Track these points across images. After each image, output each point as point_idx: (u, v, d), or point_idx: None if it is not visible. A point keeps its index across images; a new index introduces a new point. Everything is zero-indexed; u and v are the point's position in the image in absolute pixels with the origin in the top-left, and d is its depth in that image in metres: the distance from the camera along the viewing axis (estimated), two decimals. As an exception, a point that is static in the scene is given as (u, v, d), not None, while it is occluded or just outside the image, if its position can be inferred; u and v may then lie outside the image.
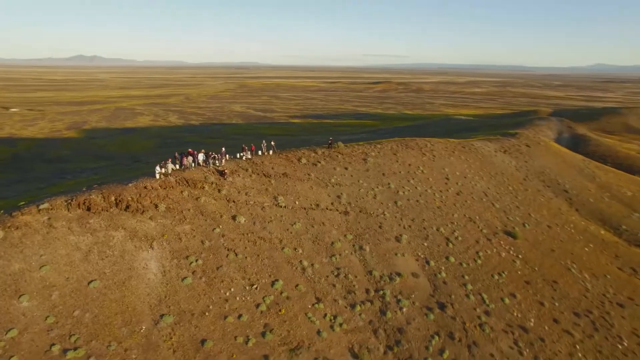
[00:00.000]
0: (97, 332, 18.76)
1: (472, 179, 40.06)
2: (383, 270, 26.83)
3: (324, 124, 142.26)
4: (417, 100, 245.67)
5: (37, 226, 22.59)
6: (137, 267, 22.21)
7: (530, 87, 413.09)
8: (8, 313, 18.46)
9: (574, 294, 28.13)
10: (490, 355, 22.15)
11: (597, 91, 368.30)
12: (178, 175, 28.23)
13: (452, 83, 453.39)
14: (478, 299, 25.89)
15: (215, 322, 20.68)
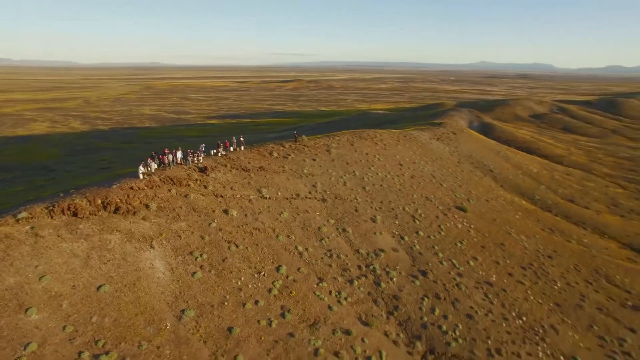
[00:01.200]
0: (123, 334, 18.07)
1: (419, 164, 44.33)
2: (367, 248, 29.12)
3: (244, 123, 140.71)
4: (330, 97, 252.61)
5: (21, 237, 20.61)
6: (143, 268, 21.48)
7: (429, 82, 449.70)
8: (18, 328, 16.91)
9: (518, 252, 33.31)
10: (470, 307, 25.66)
11: (486, 85, 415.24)
12: (161, 174, 27.30)
13: (360, 80, 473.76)
14: (449, 264, 29.50)
15: (235, 310, 21.03)
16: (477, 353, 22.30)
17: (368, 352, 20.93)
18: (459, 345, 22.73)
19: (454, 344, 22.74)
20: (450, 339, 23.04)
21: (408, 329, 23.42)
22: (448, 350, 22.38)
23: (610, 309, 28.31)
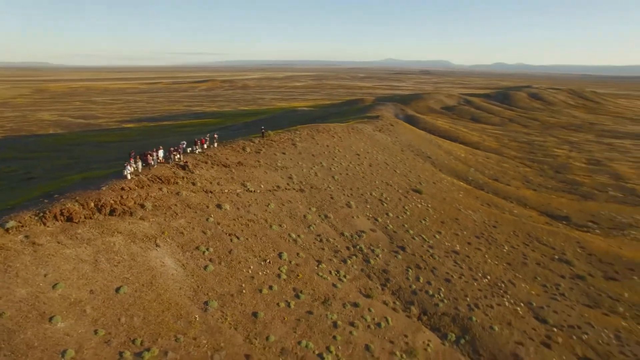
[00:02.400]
0: (157, 330, 17.95)
1: (372, 153, 47.70)
2: (350, 230, 31.34)
3: (165, 126, 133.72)
4: (247, 97, 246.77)
5: (17, 247, 19.09)
6: (155, 266, 21.13)
7: (342, 80, 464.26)
8: (48, 337, 16.00)
9: (469, 224, 38.16)
10: (446, 273, 29.29)
11: (394, 81, 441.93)
12: (148, 174, 26.45)
13: (273, 79, 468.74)
14: (420, 239, 33.00)
15: (254, 297, 21.78)
16: (461, 309, 25.83)
17: (376, 319, 23.19)
18: (445, 304, 26.08)
19: (441, 304, 26.03)
20: (437, 300, 26.30)
21: (401, 297, 26.17)
22: (437, 310, 25.58)
23: (545, 262, 34.12)
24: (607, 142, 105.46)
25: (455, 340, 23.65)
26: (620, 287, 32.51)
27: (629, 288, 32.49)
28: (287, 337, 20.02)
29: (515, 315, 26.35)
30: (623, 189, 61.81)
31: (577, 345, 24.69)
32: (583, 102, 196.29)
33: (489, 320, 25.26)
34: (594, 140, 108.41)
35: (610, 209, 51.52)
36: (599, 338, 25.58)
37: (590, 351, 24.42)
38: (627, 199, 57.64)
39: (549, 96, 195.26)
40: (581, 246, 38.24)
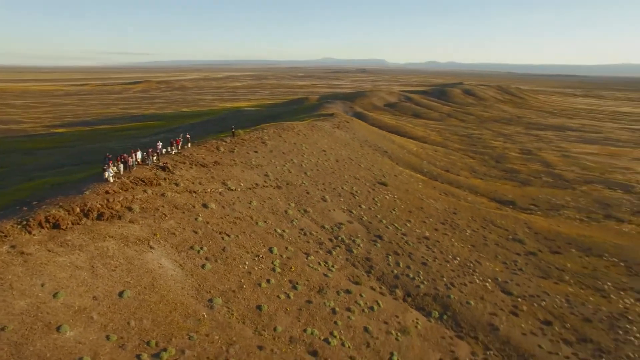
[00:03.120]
0: (169, 331, 17.90)
1: (336, 149, 49.33)
2: (329, 223, 32.60)
3: (103, 130, 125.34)
4: (186, 98, 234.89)
5: (4, 258, 17.99)
6: (153, 268, 20.83)
7: (281, 79, 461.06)
8: (59, 347, 15.43)
9: (433, 212, 41.16)
10: (422, 257, 31.65)
11: (333, 80, 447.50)
12: (129, 176, 25.65)
13: (211, 79, 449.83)
14: (393, 227, 35.15)
15: (255, 291, 22.27)
16: (439, 288, 28.21)
17: (368, 303, 24.71)
18: (425, 286, 28.32)
19: (421, 286, 28.23)
20: (418, 282, 28.47)
21: (386, 282, 27.99)
22: (419, 291, 27.73)
23: (502, 243, 37.92)
24: (534, 134, 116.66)
25: (438, 316, 25.88)
26: (564, 259, 37.07)
27: (570, 259, 37.14)
28: (292, 326, 20.86)
29: (485, 290, 29.28)
30: (553, 175, 69.36)
31: (538, 311, 28.07)
32: (510, 97, 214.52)
33: (464, 297, 27.87)
34: (523, 132, 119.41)
35: (546, 193, 57.82)
36: (554, 303, 29.24)
37: (549, 315, 27.89)
38: (557, 183, 64.87)
39: (481, 92, 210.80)
40: (528, 226, 42.80)
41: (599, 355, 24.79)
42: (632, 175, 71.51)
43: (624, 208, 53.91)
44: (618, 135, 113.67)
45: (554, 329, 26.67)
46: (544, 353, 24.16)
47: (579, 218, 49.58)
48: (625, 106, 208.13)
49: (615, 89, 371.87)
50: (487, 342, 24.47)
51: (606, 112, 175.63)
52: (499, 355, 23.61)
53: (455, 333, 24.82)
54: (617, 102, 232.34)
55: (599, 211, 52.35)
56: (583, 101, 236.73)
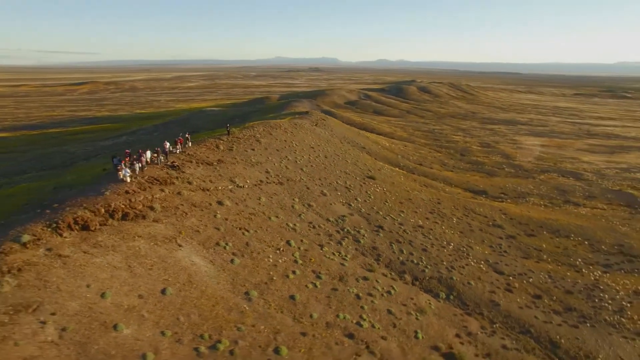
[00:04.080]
0: (218, 324, 18.32)
1: (322, 146, 50.51)
2: (333, 216, 33.81)
3: (54, 133, 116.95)
4: (139, 99, 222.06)
5: (44, 261, 17.59)
6: (187, 266, 20.99)
7: (234, 79, 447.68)
8: (121, 345, 15.48)
9: (421, 203, 43.58)
10: (421, 244, 33.75)
11: (287, 79, 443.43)
12: (144, 176, 25.30)
13: (161, 79, 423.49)
14: (390, 218, 37.02)
15: (284, 282, 23.05)
16: (442, 271, 30.40)
17: (385, 288, 26.27)
18: (429, 270, 30.39)
19: (426, 270, 30.26)
20: (422, 267, 30.48)
21: (394, 268, 29.73)
22: (425, 275, 29.74)
23: (485, 228, 41.04)
24: (489, 128, 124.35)
25: (445, 297, 27.99)
26: (539, 240, 40.78)
27: (544, 241, 40.94)
28: (326, 312, 21.94)
29: (481, 271, 31.87)
30: (513, 166, 74.88)
31: (528, 287, 31.04)
32: (462, 94, 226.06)
33: (465, 278, 30.25)
34: (479, 127, 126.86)
35: (512, 182, 62.54)
36: (539, 280, 32.41)
37: (537, 290, 30.94)
38: (518, 173, 70.21)
39: (435, 89, 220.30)
40: (503, 213, 46.44)
41: (583, 321, 27.99)
42: (579, 164, 78.80)
43: (578, 193, 59.63)
44: (561, 128, 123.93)
45: (544, 301, 29.67)
46: (540, 322, 26.94)
47: (543, 204, 54.29)
48: (562, 102, 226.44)
49: (551, 85, 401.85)
50: (491, 317, 26.88)
51: (549, 107, 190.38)
52: (504, 327, 26.06)
53: (463, 311, 27.01)
54: (556, 98, 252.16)
55: (558, 197, 57.55)
56: (527, 97, 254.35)
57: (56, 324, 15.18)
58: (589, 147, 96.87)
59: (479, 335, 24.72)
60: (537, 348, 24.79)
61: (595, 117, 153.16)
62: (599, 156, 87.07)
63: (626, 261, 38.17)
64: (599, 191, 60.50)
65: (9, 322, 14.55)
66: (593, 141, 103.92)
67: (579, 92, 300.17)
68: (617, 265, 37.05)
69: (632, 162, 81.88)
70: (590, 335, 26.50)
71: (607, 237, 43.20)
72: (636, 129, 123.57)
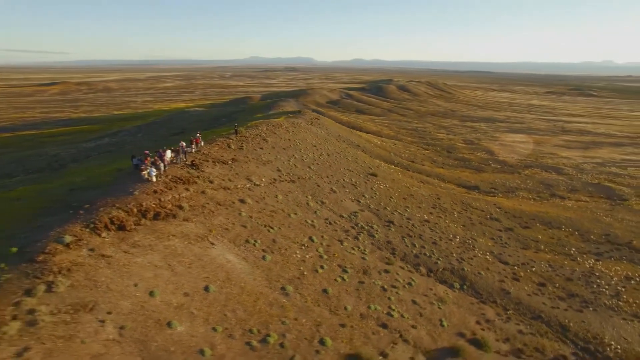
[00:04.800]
0: (263, 318, 18.59)
1: (322, 144, 51.00)
2: (345, 212, 34.40)
3: (28, 136, 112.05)
4: (115, 100, 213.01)
5: (89, 261, 17.43)
6: (223, 263, 21.11)
7: (211, 79, 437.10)
8: (178, 341, 15.57)
9: (422, 198, 44.74)
10: (430, 237, 34.81)
11: (264, 79, 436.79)
12: (167, 175, 25.15)
13: (135, 80, 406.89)
14: (398, 213, 37.95)
15: (315, 277, 23.46)
16: (453, 263, 31.54)
17: (406, 280, 27.10)
18: (442, 262, 31.45)
19: (439, 262, 31.32)
20: (435, 259, 31.52)
21: (409, 261, 30.63)
22: (438, 267, 30.78)
23: (484, 222, 42.60)
24: (469, 126, 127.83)
25: (460, 287, 29.09)
26: (534, 232, 42.67)
27: (539, 232, 42.87)
28: (358, 304, 22.54)
29: (488, 262, 33.21)
30: (498, 162, 77.52)
31: (532, 276, 32.58)
32: (440, 92, 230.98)
33: (475, 269, 31.49)
34: (460, 125, 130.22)
35: (500, 178, 64.84)
36: (541, 269, 34.05)
37: (541, 278, 32.51)
38: (504, 169, 72.78)
39: (414, 88, 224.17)
40: (498, 207, 48.28)
41: (586, 305, 29.66)
42: (559, 159, 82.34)
43: (561, 187, 62.44)
44: (537, 125, 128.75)
45: (548, 289, 31.23)
46: (548, 308, 28.40)
47: (532, 197, 56.63)
48: (535, 99, 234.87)
49: (522, 84, 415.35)
50: (504, 305, 28.15)
51: (523, 104, 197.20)
52: (517, 314, 27.36)
53: (477, 299, 28.17)
54: (529, 96, 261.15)
55: (544, 191, 60.13)
56: (502, 95, 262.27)
57: (114, 322, 15.18)
58: (565, 143, 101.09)
59: (496, 322, 25.88)
60: (549, 332, 26.15)
61: (567, 115, 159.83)
62: (575, 152, 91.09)
63: (614, 249, 40.43)
64: (580, 185, 63.46)
65: (72, 321, 14.48)
66: (568, 137, 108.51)
67: (550, 90, 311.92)
68: (607, 254, 39.19)
69: (605, 157, 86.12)
70: (594, 318, 28.11)
71: (594, 227, 45.55)
72: (605, 126, 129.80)
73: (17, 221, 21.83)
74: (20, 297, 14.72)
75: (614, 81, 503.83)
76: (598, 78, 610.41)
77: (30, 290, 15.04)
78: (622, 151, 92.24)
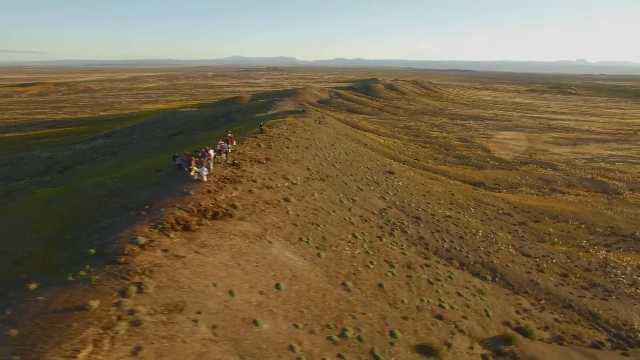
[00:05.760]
0: (335, 314, 18.77)
1: (338, 143, 51.28)
2: (375, 209, 34.78)
3: (13, 138, 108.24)
4: (99, 101, 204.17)
5: (166, 262, 17.33)
6: (286, 262, 21.20)
7: (193, 79, 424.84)
8: (266, 339, 15.66)
9: (439, 195, 45.56)
10: (456, 232, 35.39)
11: (247, 78, 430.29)
12: (215, 175, 25.06)
13: (116, 80, 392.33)
14: (421, 209, 38.59)
15: (368, 272, 23.77)
16: (483, 257, 32.37)
17: (446, 273, 27.68)
18: (472, 255, 32.23)
19: (469, 256, 32.09)
20: (465, 253, 32.28)
21: (442, 256, 31.30)
22: (469, 261, 31.55)
23: (498, 217, 43.71)
24: (460, 124, 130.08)
25: (492, 279, 29.93)
26: (545, 226, 44.07)
27: (549, 226, 44.28)
28: (412, 298, 23.01)
29: (512, 255, 34.21)
30: (496, 159, 79.37)
31: (554, 267, 33.74)
32: (426, 91, 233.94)
33: (502, 261, 32.41)
34: (450, 123, 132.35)
35: (501, 174, 66.45)
36: (560, 260, 35.27)
37: (562, 269, 33.67)
38: (502, 165, 74.57)
39: (401, 87, 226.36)
40: (507, 202, 49.59)
41: (609, 294, 30.89)
42: (551, 156, 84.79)
43: (559, 182, 64.47)
44: (524, 123, 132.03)
45: (571, 279, 32.41)
46: (576, 297, 29.52)
47: (534, 193, 58.31)
48: (518, 97, 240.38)
49: (504, 82, 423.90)
50: (535, 295, 29.11)
51: (507, 102, 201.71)
52: (549, 303, 28.34)
53: (511, 290, 29.04)
54: (511, 94, 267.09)
55: (545, 186, 61.97)
56: (486, 93, 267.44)
57: (206, 322, 15.19)
58: (553, 139, 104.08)
59: (532, 311, 26.76)
60: (582, 320, 27.20)
61: (551, 112, 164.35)
62: (565, 148, 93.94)
63: (620, 241, 42.09)
64: (576, 180, 65.63)
65: (168, 321, 14.45)
66: (555, 134, 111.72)
67: (531, 88, 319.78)
68: (615, 245, 40.78)
69: (593, 153, 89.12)
70: (620, 306, 29.34)
71: (599, 220, 47.29)
72: (588, 122, 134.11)
73: (74, 223, 21.46)
74: (117, 297, 14.61)
75: (588, 79, 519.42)
76: (573, 76, 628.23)
77: (124, 291, 14.91)
78: (608, 147, 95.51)
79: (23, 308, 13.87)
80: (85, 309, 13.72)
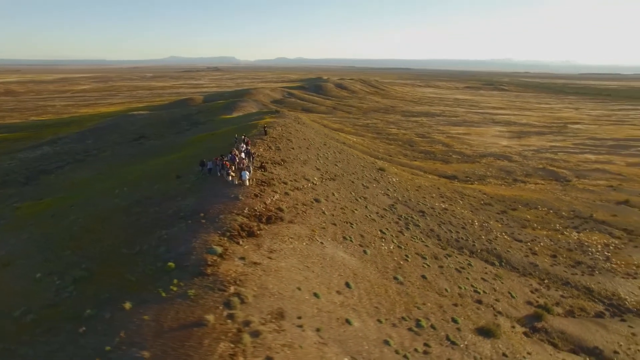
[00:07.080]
0: (403, 306, 19.57)
1: (327, 143, 51.98)
2: (385, 205, 36.05)
3: None
4: (28, 105, 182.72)
5: (248, 270, 17.07)
6: (342, 261, 21.52)
7: (130, 80, 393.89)
8: (360, 337, 16.05)
9: (428, 189, 48.06)
10: (458, 224, 37.86)
11: (189, 79, 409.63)
12: (251, 178, 24.66)
13: (42, 82, 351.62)
14: (421, 203, 40.50)
15: (409, 265, 24.83)
16: (486, 244, 34.96)
17: (465, 262, 29.72)
18: (478, 244, 34.67)
19: (475, 244, 34.52)
20: (471, 242, 34.62)
21: (453, 246, 33.37)
22: (477, 249, 33.96)
23: (482, 207, 47.14)
24: (413, 120, 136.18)
25: (499, 264, 32.54)
26: (522, 213, 48.28)
27: (525, 213, 48.56)
28: (451, 286, 24.52)
29: (508, 241, 37.29)
30: (457, 153, 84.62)
31: (543, 250, 37.33)
32: (375, 89, 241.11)
33: (503, 247, 35.28)
34: (404, 120, 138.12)
35: (467, 167, 71.19)
36: (546, 243, 39.05)
37: (550, 251, 37.31)
38: (465, 159, 79.77)
39: (350, 85, 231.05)
40: (483, 193, 53.53)
41: (592, 270, 34.87)
42: (504, 148, 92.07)
43: (518, 172, 70.53)
44: (471, 118, 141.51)
45: (559, 259, 36.09)
46: (570, 275, 33.02)
47: (501, 184, 63.32)
48: (458, 94, 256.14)
49: (443, 79, 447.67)
50: (538, 276, 32.14)
51: (450, 99, 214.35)
52: (551, 282, 31.44)
53: (518, 273, 31.85)
54: (451, 91, 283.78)
55: (507, 177, 67.47)
56: (429, 91, 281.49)
57: (309, 326, 15.31)
58: (500, 133, 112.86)
59: (542, 290, 29.61)
60: (581, 294, 30.59)
61: (491, 107, 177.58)
62: (512, 141, 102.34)
63: (584, 223, 47.30)
64: (531, 170, 72.15)
65: (280, 329, 14.38)
66: (500, 128, 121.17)
67: (467, 85, 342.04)
68: (582, 227, 45.80)
69: (537, 145, 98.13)
70: (604, 279, 33.30)
71: (561, 205, 52.70)
72: (526, 117, 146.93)
73: (121, 236, 20.20)
74: (225, 310, 14.31)
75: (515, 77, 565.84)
76: (502, 74, 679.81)
77: (228, 303, 14.59)
78: (547, 139, 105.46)
79: (135, 329, 13.14)
80: (203, 324, 13.29)
